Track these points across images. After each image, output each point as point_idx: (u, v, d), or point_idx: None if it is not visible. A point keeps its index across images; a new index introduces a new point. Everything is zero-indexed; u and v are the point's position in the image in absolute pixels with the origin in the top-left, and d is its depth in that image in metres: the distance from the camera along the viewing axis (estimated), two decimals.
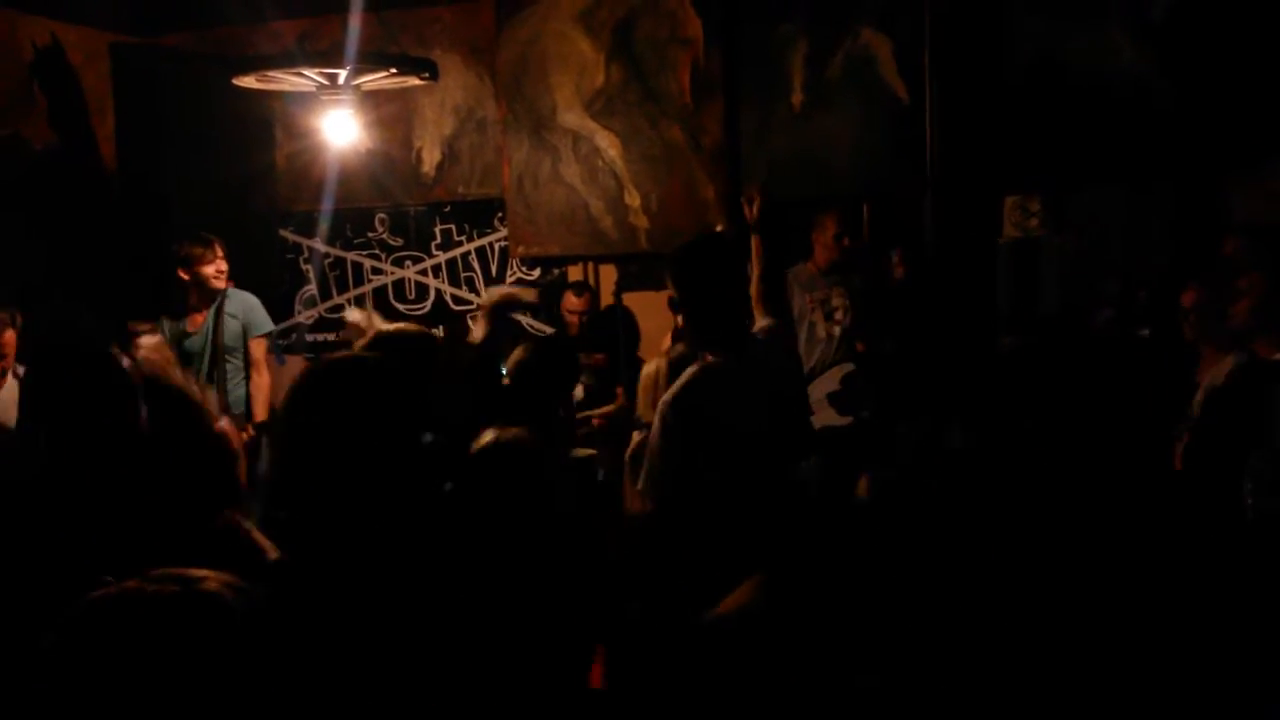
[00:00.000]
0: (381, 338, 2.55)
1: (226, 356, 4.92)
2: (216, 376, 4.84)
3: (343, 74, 4.29)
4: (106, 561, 1.38)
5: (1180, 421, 2.46)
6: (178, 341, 4.89)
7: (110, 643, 1.06)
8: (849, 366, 4.59)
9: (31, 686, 1.08)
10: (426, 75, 4.59)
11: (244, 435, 4.14)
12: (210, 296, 4.90)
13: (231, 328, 4.93)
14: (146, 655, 1.06)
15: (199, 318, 4.95)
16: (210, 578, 1.13)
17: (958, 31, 4.13)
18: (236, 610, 1.11)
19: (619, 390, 4.93)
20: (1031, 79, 4.51)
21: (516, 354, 3.09)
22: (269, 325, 5.17)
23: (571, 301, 5.42)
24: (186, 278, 4.87)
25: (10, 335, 4.02)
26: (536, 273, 5.76)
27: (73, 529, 1.75)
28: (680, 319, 2.84)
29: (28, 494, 1.84)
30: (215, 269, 4.86)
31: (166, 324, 4.94)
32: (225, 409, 4.33)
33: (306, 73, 4.29)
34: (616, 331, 5.36)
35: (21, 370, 3.99)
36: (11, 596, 1.67)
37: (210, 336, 4.90)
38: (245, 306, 5.00)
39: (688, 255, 2.74)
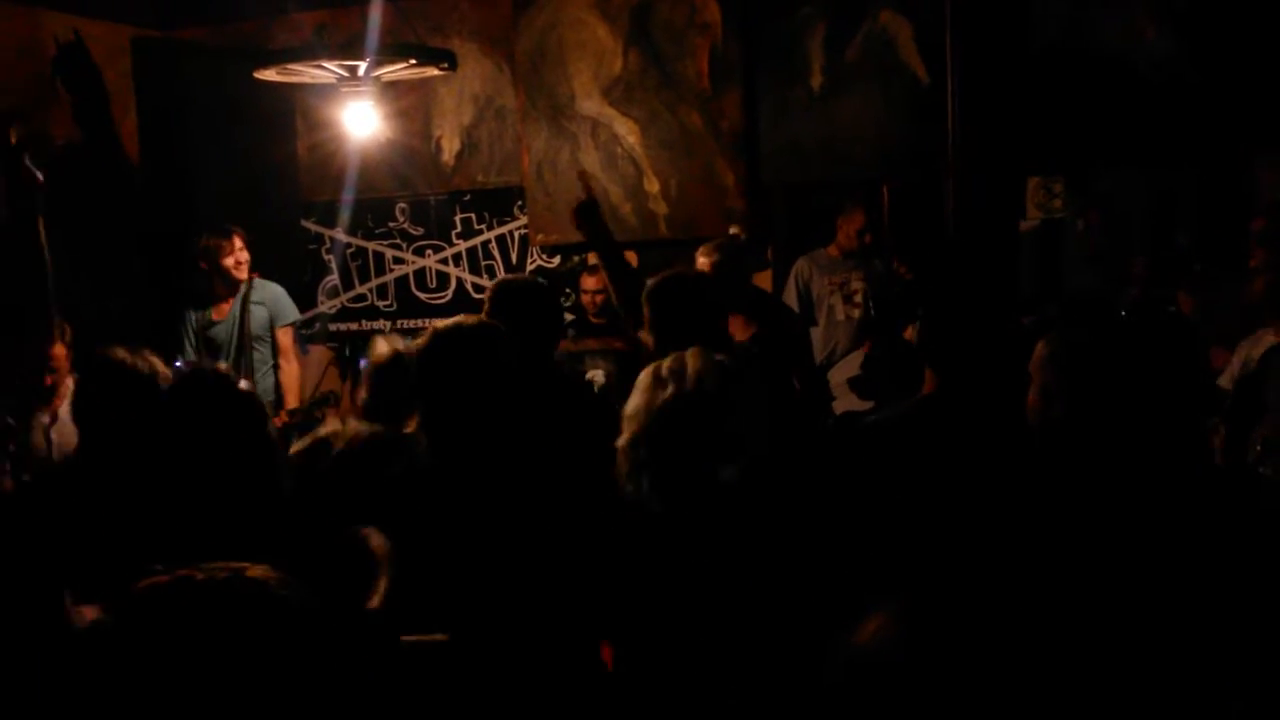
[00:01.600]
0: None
1: (254, 345, 4.97)
2: (244, 364, 4.89)
3: (363, 66, 4.30)
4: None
5: (1213, 412, 2.44)
6: (204, 330, 4.95)
7: (162, 627, 1.08)
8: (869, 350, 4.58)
9: (82, 669, 1.10)
10: (445, 65, 4.59)
11: (277, 423, 4.17)
12: (233, 286, 4.95)
13: (258, 316, 4.98)
14: (197, 640, 1.07)
15: (225, 306, 5.01)
16: (259, 568, 1.14)
17: (979, 12, 4.09)
18: (289, 600, 1.12)
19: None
20: (1054, 59, 4.46)
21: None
22: (295, 314, 5.22)
23: (587, 282, 5.42)
24: (207, 268, 4.92)
25: (60, 349, 3.92)
26: (557, 260, 5.76)
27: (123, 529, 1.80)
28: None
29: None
30: (234, 260, 4.91)
31: (193, 313, 5.00)
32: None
33: (327, 65, 4.30)
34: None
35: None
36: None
37: (237, 325, 4.94)
38: (272, 296, 5.06)
39: (664, 289, 2.79)
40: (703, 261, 4.12)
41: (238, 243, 4.93)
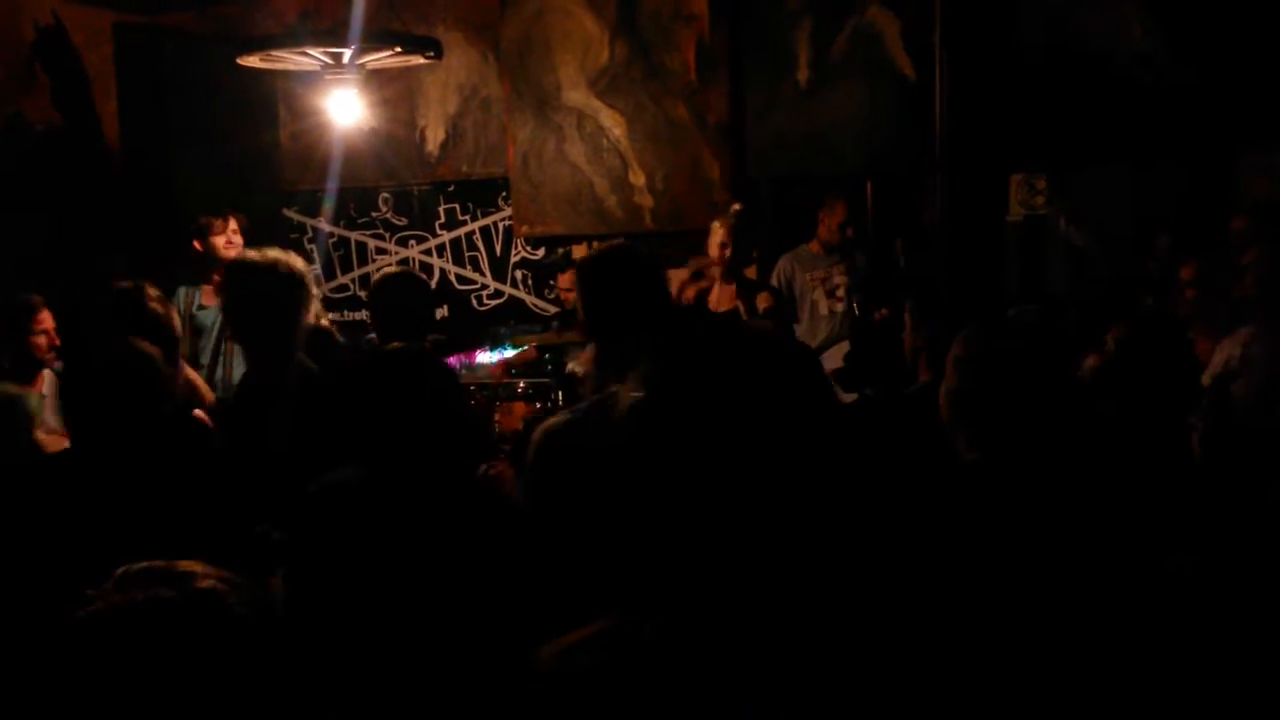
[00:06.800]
0: None
1: None
2: (224, 352, 4.85)
3: (347, 53, 4.26)
4: None
5: (1194, 407, 2.44)
6: (191, 313, 4.88)
7: (110, 663, 1.01)
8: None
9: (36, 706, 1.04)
10: (431, 54, 4.55)
11: None
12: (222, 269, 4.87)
13: None
14: (148, 670, 1.01)
15: (215, 291, 4.95)
16: (205, 574, 1.07)
17: (968, 8, 4.10)
18: (237, 608, 1.05)
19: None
20: (1040, 56, 4.47)
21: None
22: None
23: (561, 280, 5.40)
24: (200, 249, 4.87)
25: (47, 314, 3.97)
26: (541, 252, 5.74)
27: None
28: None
29: None
30: (225, 240, 4.85)
31: (183, 292, 4.94)
32: (227, 387, 4.36)
33: (311, 52, 4.26)
34: None
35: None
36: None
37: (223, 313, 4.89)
38: None
39: (597, 265, 2.40)
40: (718, 229, 4.17)
41: (232, 224, 4.87)
